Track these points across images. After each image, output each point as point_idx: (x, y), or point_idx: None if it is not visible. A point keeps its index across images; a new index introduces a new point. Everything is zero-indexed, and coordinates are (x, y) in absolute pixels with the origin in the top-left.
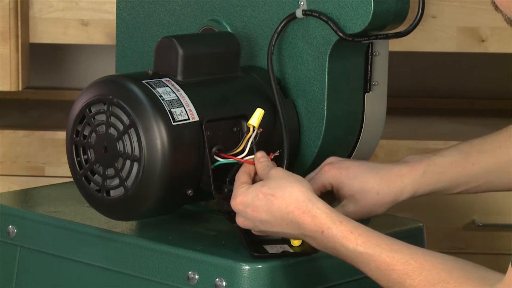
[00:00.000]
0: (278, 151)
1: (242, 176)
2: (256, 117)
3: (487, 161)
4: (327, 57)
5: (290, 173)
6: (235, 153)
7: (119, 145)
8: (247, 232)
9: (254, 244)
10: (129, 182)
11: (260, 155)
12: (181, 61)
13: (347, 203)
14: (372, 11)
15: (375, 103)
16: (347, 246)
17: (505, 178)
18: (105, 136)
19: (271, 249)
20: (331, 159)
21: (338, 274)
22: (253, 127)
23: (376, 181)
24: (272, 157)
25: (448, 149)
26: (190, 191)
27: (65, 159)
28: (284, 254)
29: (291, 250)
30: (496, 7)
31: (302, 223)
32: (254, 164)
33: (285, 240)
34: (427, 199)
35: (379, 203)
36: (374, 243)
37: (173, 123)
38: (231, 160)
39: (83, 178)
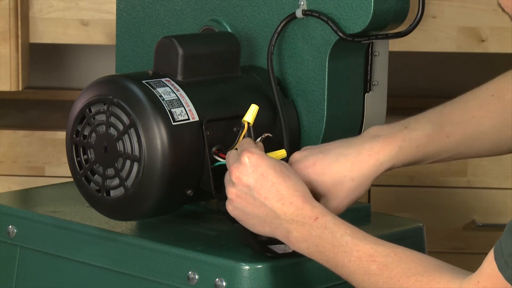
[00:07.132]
0: (266, 134)
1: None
2: (251, 113)
3: (461, 132)
4: (327, 57)
5: (259, 160)
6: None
7: (119, 145)
8: (253, 233)
9: (261, 245)
10: (129, 182)
11: (243, 141)
12: (181, 61)
13: (326, 202)
14: (372, 11)
15: (375, 103)
16: (336, 233)
17: (475, 148)
18: (105, 136)
19: (277, 249)
20: (296, 155)
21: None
22: (248, 123)
23: (347, 168)
24: (261, 139)
25: (418, 120)
26: (190, 191)
27: (65, 159)
28: (294, 254)
29: None
30: (502, 9)
31: (302, 209)
32: None
33: None
34: (427, 199)
35: (357, 189)
36: (360, 234)
37: (173, 123)
38: None
39: (83, 178)
